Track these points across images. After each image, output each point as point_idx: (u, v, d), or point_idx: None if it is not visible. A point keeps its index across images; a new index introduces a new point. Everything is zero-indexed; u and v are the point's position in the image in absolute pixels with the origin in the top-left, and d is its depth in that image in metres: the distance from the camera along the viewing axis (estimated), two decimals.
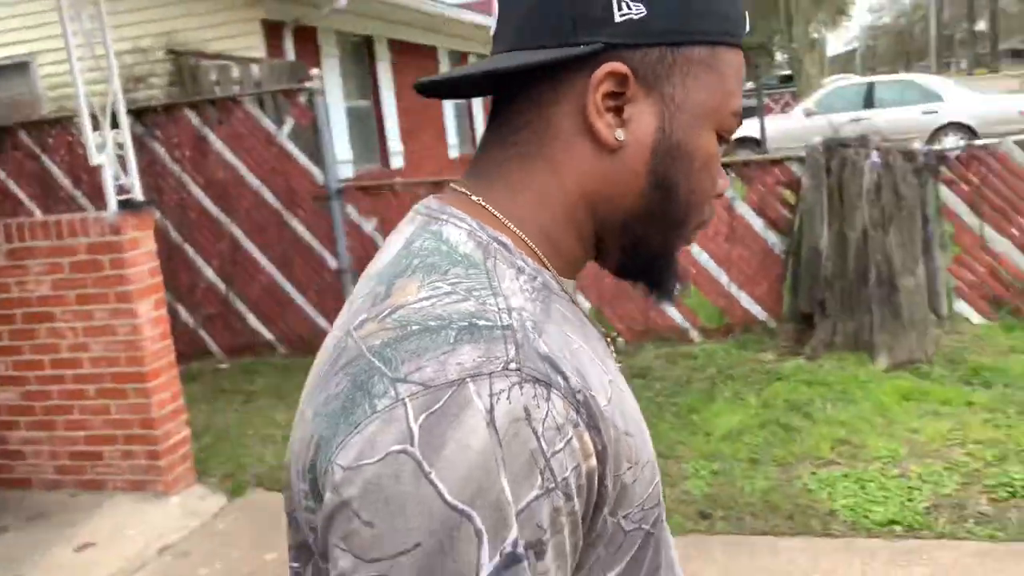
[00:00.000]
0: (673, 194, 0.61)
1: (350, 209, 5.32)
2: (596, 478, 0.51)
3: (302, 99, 5.29)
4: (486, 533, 0.45)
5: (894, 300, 4.18)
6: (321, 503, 0.49)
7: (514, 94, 0.61)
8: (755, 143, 12.61)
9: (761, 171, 4.82)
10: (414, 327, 0.50)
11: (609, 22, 0.56)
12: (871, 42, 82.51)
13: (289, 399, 4.32)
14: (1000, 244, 4.53)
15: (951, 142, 11.03)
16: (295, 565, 0.59)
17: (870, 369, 4.16)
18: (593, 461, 0.51)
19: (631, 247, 0.64)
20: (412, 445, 0.45)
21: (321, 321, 5.31)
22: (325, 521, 0.49)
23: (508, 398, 0.47)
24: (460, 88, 0.68)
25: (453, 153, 10.84)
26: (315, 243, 5.36)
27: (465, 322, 0.50)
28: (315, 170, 5.31)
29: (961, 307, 4.63)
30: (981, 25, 68.03)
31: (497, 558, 0.45)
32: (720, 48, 0.60)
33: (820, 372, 4.20)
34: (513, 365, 0.48)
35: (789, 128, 12.54)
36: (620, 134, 0.59)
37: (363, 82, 9.19)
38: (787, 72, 25.58)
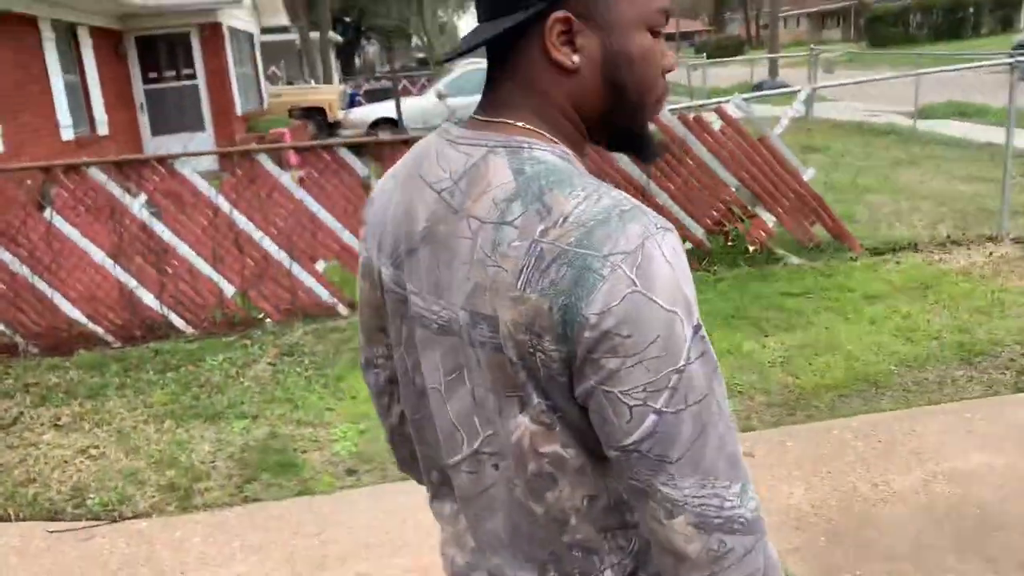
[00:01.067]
0: (625, 89, 0.85)
1: None
2: None
3: None
4: (685, 319, 0.75)
5: None
6: (569, 344, 0.75)
7: (504, 48, 0.85)
8: (393, 123, 13.11)
9: (392, 151, 5.14)
10: (591, 223, 0.75)
11: None
12: None
13: None
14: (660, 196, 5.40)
15: None
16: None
17: None
18: None
19: (611, 131, 0.89)
20: (636, 286, 0.73)
21: None
22: (587, 349, 0.75)
23: (668, 242, 0.76)
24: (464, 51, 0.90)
25: (67, 135, 9.73)
26: None
27: (617, 210, 0.76)
28: None
29: None
30: None
31: (691, 330, 0.75)
32: None
33: None
34: (658, 224, 0.77)
35: (425, 109, 13.25)
36: (575, 59, 0.82)
37: None
38: (424, 55, 26.71)
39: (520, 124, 0.85)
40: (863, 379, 3.72)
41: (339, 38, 33.96)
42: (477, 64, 16.84)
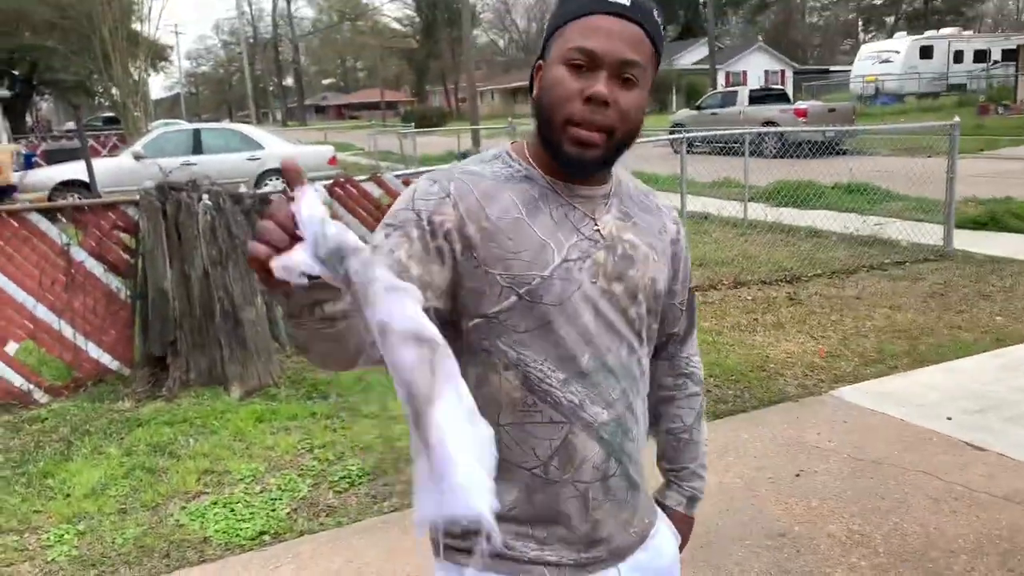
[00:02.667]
0: (542, 105, 1.12)
1: None
2: (452, 230, 1.10)
3: None
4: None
5: (240, 332, 4.53)
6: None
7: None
8: (80, 186, 11.88)
9: (96, 215, 4.67)
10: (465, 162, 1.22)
11: (542, 49, 1.16)
12: (194, 89, 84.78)
13: None
14: None
15: (273, 185, 12.27)
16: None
17: (226, 400, 4.43)
18: (448, 219, 1.10)
19: (542, 141, 1.15)
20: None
21: None
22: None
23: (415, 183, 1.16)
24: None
25: None
26: None
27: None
28: None
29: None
30: (289, 80, 76.18)
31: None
32: (570, 23, 1.10)
33: (179, 411, 4.30)
34: (426, 176, 1.16)
35: (120, 170, 12.20)
36: (535, 88, 1.15)
37: None
38: (111, 114, 24.67)
39: (518, 140, 1.25)
40: None
41: (7, 92, 30.14)
42: (177, 125, 15.94)
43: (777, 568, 2.79)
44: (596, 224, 1.17)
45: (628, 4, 1.09)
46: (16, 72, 34.40)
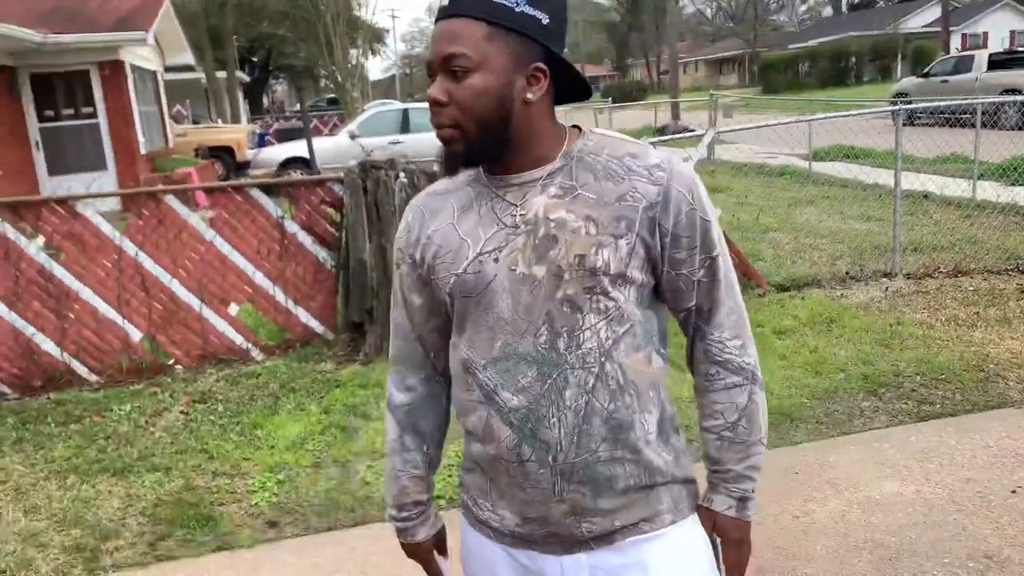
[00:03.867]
0: None
1: None
2: (419, 256, 1.25)
3: None
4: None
5: None
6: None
7: None
8: (303, 163, 12.94)
9: (306, 191, 5.06)
10: None
11: None
12: (407, 70, 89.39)
13: None
14: None
15: None
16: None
17: None
18: (414, 248, 1.26)
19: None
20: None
21: None
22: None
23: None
24: None
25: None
26: None
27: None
28: None
29: None
30: None
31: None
32: None
33: (374, 375, 4.59)
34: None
35: (338, 148, 13.14)
36: None
37: None
38: (334, 96, 26.58)
39: None
40: (778, 412, 3.84)
41: (246, 77, 33.43)
42: (387, 106, 16.89)
43: None
44: (528, 209, 1.17)
45: (448, 3, 1.12)
46: (255, 59, 38.05)
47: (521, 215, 1.16)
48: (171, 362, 4.92)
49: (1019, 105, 10.62)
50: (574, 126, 1.24)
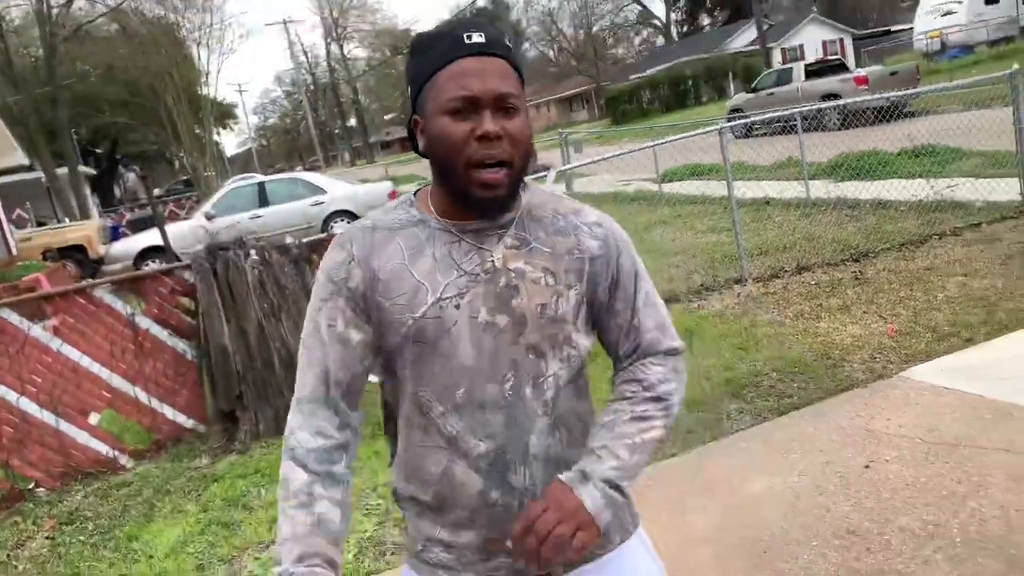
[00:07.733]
0: (437, 158, 1.18)
1: None
2: (362, 289, 1.21)
3: None
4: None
5: None
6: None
7: None
8: (162, 251, 12.47)
9: (154, 283, 4.89)
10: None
11: (413, 104, 1.23)
12: (264, 141, 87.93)
13: None
14: None
15: (340, 227, 12.59)
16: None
17: None
18: (357, 279, 1.21)
19: (448, 189, 1.20)
20: None
21: None
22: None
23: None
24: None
25: None
26: None
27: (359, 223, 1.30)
28: None
29: None
30: (353, 121, 78.26)
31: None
32: (436, 74, 1.16)
33: (252, 462, 4.44)
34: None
35: (195, 232, 12.75)
36: (421, 143, 1.22)
37: None
38: (189, 178, 25.82)
39: (427, 186, 1.29)
40: None
41: (91, 170, 31.99)
42: (244, 181, 16.56)
43: (846, 569, 2.67)
44: (485, 257, 1.21)
45: (484, 41, 1.15)
46: (99, 150, 36.50)
47: (482, 263, 1.20)
48: (31, 486, 4.60)
49: (838, 108, 11.61)
50: None
